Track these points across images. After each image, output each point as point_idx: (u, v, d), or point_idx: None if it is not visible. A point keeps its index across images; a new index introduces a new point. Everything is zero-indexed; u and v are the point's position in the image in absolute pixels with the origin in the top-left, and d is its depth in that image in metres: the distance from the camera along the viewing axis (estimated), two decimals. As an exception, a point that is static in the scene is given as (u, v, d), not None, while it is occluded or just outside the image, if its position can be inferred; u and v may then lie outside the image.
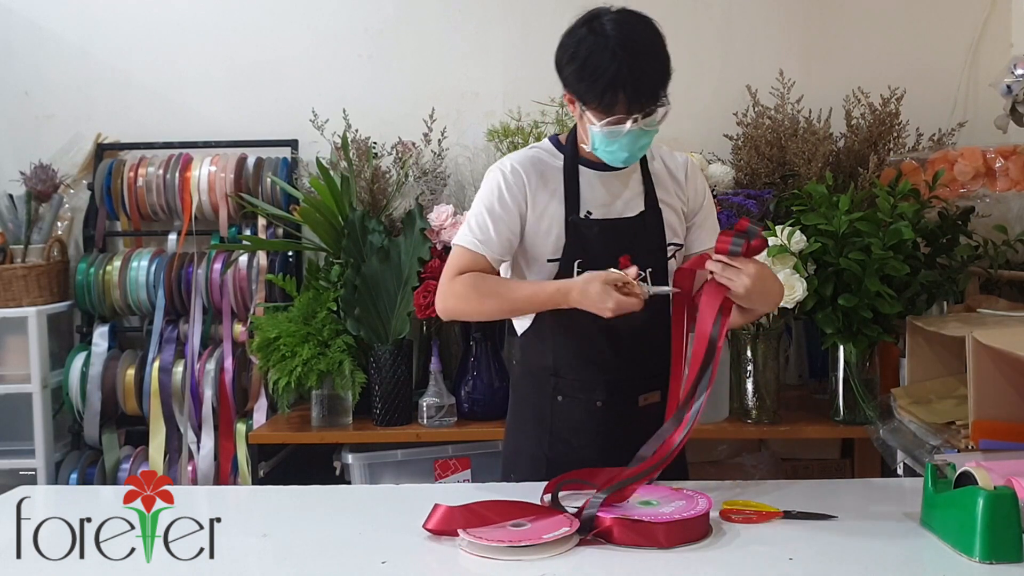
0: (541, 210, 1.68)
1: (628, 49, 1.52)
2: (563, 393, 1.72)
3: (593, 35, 1.55)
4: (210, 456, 2.87)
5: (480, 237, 1.68)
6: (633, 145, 1.61)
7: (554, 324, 1.71)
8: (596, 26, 1.56)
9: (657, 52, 1.57)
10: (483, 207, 1.69)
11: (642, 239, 1.69)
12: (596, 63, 1.54)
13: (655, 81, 1.56)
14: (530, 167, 1.70)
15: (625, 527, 1.33)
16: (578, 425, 1.72)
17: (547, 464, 1.71)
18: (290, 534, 1.45)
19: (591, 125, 1.60)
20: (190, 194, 2.97)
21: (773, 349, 2.39)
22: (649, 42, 1.57)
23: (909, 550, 1.30)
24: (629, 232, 1.68)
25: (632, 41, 1.54)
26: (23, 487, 1.74)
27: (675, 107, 1.62)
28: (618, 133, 1.58)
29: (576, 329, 1.69)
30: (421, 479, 2.47)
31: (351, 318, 2.54)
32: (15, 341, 2.88)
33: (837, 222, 2.18)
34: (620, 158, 1.63)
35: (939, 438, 1.73)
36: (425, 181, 2.78)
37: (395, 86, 3.03)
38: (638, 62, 1.53)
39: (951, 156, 2.43)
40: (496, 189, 1.69)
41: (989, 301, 2.18)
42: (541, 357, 1.75)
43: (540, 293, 1.63)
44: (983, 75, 2.86)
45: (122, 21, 3.10)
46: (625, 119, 1.56)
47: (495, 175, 1.71)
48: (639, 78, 1.53)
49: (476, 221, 1.69)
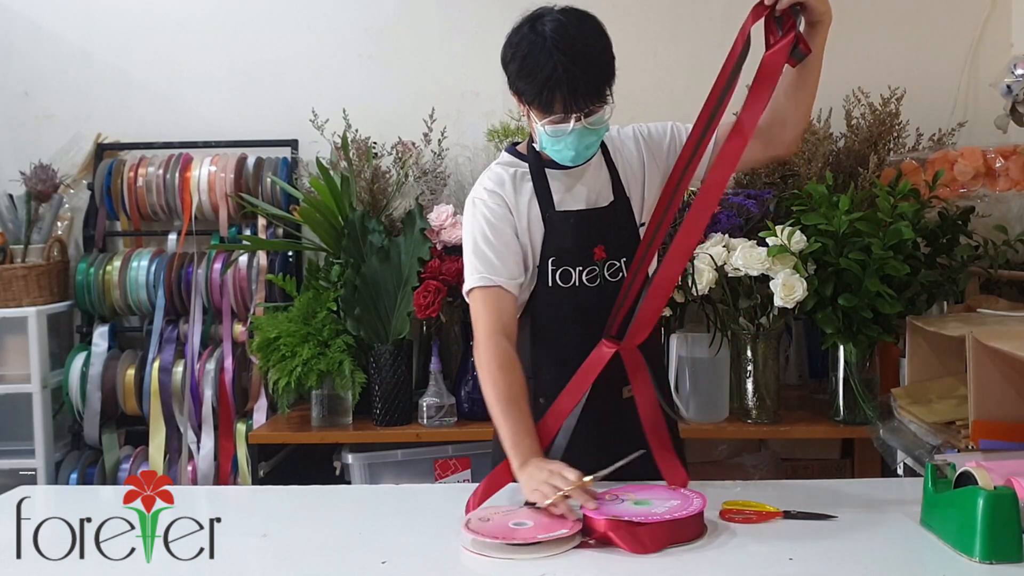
0: (525, 214, 1.68)
1: (564, 49, 1.53)
2: (544, 395, 1.71)
3: (533, 34, 1.56)
4: (210, 456, 2.87)
5: (486, 271, 1.64)
6: (579, 144, 1.60)
7: (531, 327, 1.71)
8: (538, 25, 1.57)
9: (596, 52, 1.57)
10: (477, 241, 1.66)
11: (613, 228, 1.69)
12: (534, 62, 1.54)
13: (593, 81, 1.55)
14: (499, 184, 1.69)
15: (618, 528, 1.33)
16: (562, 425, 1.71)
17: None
18: (290, 534, 1.45)
19: (535, 123, 1.61)
20: (190, 194, 2.97)
21: (773, 349, 2.38)
22: (588, 42, 1.56)
23: (909, 550, 1.30)
24: (601, 222, 1.69)
25: (570, 41, 1.54)
26: (23, 487, 1.74)
27: (675, 107, 1.62)
28: (562, 132, 1.58)
29: (552, 330, 1.70)
30: (421, 479, 2.47)
31: (351, 318, 2.54)
32: (15, 341, 2.89)
33: (837, 222, 2.17)
34: (567, 156, 1.63)
35: (939, 438, 1.73)
36: (425, 181, 2.78)
37: (395, 86, 3.03)
38: (575, 62, 1.53)
39: (951, 156, 2.43)
40: (481, 218, 1.67)
41: (989, 301, 2.18)
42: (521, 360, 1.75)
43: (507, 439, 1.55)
44: (983, 75, 2.85)
45: (122, 21, 3.11)
46: (567, 118, 1.56)
47: (474, 208, 1.69)
48: (575, 78, 1.53)
49: (477, 258, 1.66)
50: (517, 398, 1.58)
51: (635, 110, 2.92)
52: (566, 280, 1.68)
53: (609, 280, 1.68)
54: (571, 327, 1.69)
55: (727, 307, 2.34)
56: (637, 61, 2.99)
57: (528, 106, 1.60)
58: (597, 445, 1.68)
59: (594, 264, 1.67)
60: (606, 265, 1.68)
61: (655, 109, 2.89)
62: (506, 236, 1.66)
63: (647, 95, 2.98)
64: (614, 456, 1.52)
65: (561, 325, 1.69)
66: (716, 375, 2.41)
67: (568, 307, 1.68)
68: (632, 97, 3.07)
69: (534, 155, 1.70)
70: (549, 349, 1.72)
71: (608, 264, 1.68)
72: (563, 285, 1.68)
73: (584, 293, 1.68)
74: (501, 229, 1.65)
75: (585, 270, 1.67)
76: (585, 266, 1.67)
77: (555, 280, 1.68)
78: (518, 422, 1.55)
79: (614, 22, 1.65)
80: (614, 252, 1.68)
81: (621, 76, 1.62)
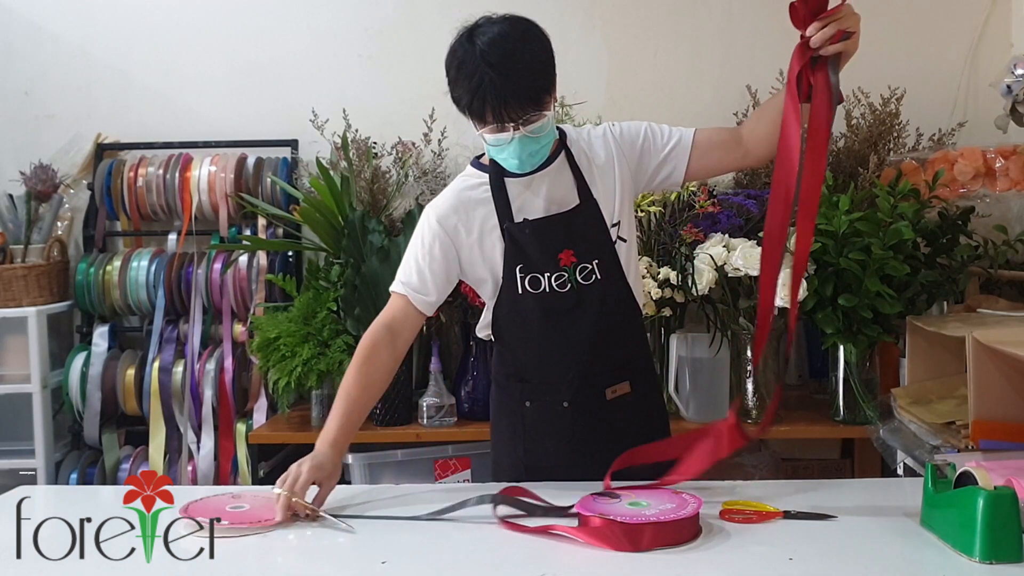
0: (479, 240, 1.68)
1: (493, 61, 1.52)
2: (530, 398, 1.73)
3: (468, 43, 1.56)
4: (210, 456, 2.87)
5: (403, 279, 1.70)
6: (521, 152, 1.59)
7: (508, 332, 1.73)
8: (475, 35, 1.57)
9: (529, 62, 1.56)
10: (411, 253, 1.71)
11: (581, 232, 1.68)
12: (466, 73, 1.55)
13: (524, 91, 1.54)
14: (453, 213, 1.69)
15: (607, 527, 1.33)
16: (548, 428, 1.72)
17: (526, 470, 1.72)
18: (290, 534, 1.45)
19: (478, 132, 1.62)
20: (190, 194, 2.97)
21: (773, 349, 2.39)
22: (521, 53, 1.55)
23: (909, 550, 1.30)
24: (564, 227, 1.67)
25: (501, 52, 1.53)
26: (23, 487, 1.74)
27: (675, 107, 1.62)
28: (502, 141, 1.58)
29: (529, 336, 1.71)
30: (421, 479, 2.47)
31: (351, 318, 2.54)
32: (15, 341, 2.89)
33: (837, 222, 2.17)
34: (512, 164, 1.63)
35: (939, 438, 1.73)
36: (425, 181, 2.78)
37: (395, 86, 3.03)
38: (503, 74, 1.52)
39: (951, 156, 2.43)
40: (420, 240, 1.70)
41: (989, 301, 2.18)
42: (506, 364, 1.77)
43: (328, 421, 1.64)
44: (983, 75, 2.85)
45: (122, 21, 3.11)
46: (503, 127, 1.56)
47: (426, 221, 1.71)
48: (503, 89, 1.52)
49: (404, 266, 1.72)
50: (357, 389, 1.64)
51: (635, 110, 2.95)
52: (535, 286, 1.67)
53: (582, 283, 1.67)
54: (547, 331, 1.69)
55: (727, 307, 2.34)
56: (637, 61, 3.00)
57: (467, 114, 1.61)
58: (584, 450, 1.69)
59: (561, 270, 1.66)
60: (577, 269, 1.67)
61: (655, 109, 2.90)
62: (436, 261, 1.68)
63: (647, 95, 2.99)
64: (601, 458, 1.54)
65: (536, 330, 1.70)
66: (716, 375, 2.41)
67: (540, 312, 1.68)
68: (632, 97, 3.11)
69: (494, 166, 1.69)
70: (528, 355, 1.73)
71: (579, 268, 1.67)
72: (533, 291, 1.67)
73: (555, 298, 1.67)
74: (436, 257, 1.68)
75: (553, 275, 1.67)
76: (552, 272, 1.66)
77: (525, 287, 1.68)
78: (340, 411, 1.62)
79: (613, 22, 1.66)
80: (584, 255, 1.67)
81: (621, 76, 1.62)
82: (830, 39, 1.44)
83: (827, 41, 1.45)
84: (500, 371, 1.80)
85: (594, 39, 2.96)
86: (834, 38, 1.44)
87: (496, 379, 1.82)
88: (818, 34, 1.45)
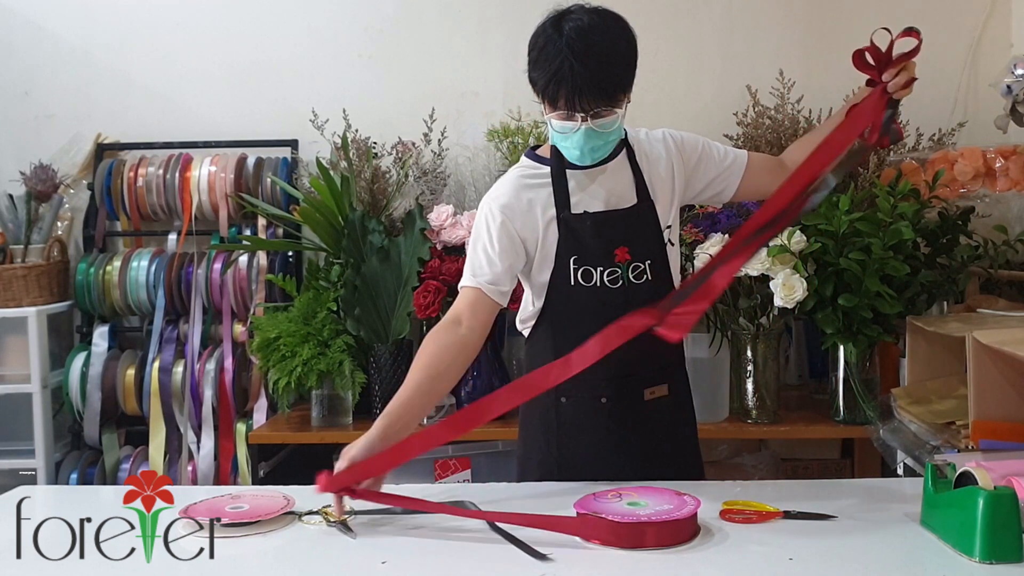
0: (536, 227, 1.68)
1: (576, 47, 1.53)
2: (566, 394, 1.72)
3: (553, 29, 1.57)
4: (210, 456, 2.87)
5: (473, 273, 1.68)
6: (584, 144, 1.61)
7: (555, 324, 1.72)
8: (561, 22, 1.58)
9: (610, 55, 1.57)
10: (476, 247, 1.70)
11: (636, 230, 1.69)
12: (547, 56, 1.56)
13: (600, 83, 1.56)
14: (514, 200, 1.68)
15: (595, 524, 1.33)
16: (584, 425, 1.72)
17: (557, 467, 1.72)
18: (290, 534, 1.45)
19: (546, 116, 1.62)
20: (190, 194, 2.97)
21: (773, 349, 2.39)
22: (604, 45, 1.56)
23: (909, 550, 1.30)
24: (622, 224, 1.68)
25: (585, 41, 1.54)
26: (23, 487, 1.74)
27: (675, 107, 1.62)
28: (568, 129, 1.60)
29: (576, 328, 1.69)
30: (421, 479, 2.47)
31: (351, 318, 2.54)
32: (15, 341, 2.89)
33: (837, 222, 2.17)
34: (573, 155, 1.64)
35: (939, 438, 1.73)
36: (425, 181, 2.78)
37: (395, 86, 3.03)
38: (583, 62, 1.53)
39: (951, 156, 2.43)
40: (486, 231, 1.69)
41: (989, 301, 2.18)
42: (544, 359, 1.75)
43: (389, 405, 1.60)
44: (983, 75, 2.85)
45: (122, 21, 3.11)
46: (572, 116, 1.57)
47: (483, 215, 1.70)
48: (579, 76, 1.53)
49: (471, 261, 1.70)
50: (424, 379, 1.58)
51: (635, 110, 2.93)
52: (588, 279, 1.68)
53: (633, 282, 1.68)
54: (593, 327, 1.67)
55: (727, 307, 2.34)
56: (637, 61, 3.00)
57: (540, 97, 1.62)
58: (619, 449, 1.69)
59: (615, 266, 1.67)
60: (630, 267, 1.68)
61: (655, 109, 2.90)
62: (504, 249, 1.67)
63: (647, 95, 2.97)
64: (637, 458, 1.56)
65: (582, 324, 1.67)
66: (716, 375, 2.41)
67: (590, 307, 1.68)
68: (632, 97, 3.10)
69: (556, 156, 1.70)
70: (570, 348, 1.71)
71: (632, 266, 1.68)
72: (585, 284, 1.68)
73: (605, 293, 1.68)
74: (503, 242, 1.67)
75: (606, 271, 1.67)
76: (606, 267, 1.67)
77: (577, 279, 1.68)
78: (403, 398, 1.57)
79: (614, 22, 1.67)
80: (638, 254, 1.67)
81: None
82: (904, 86, 1.58)
83: (901, 87, 1.59)
84: (536, 364, 1.76)
85: (594, 39, 2.96)
86: (907, 84, 1.58)
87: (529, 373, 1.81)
88: (894, 80, 1.59)
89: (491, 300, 1.67)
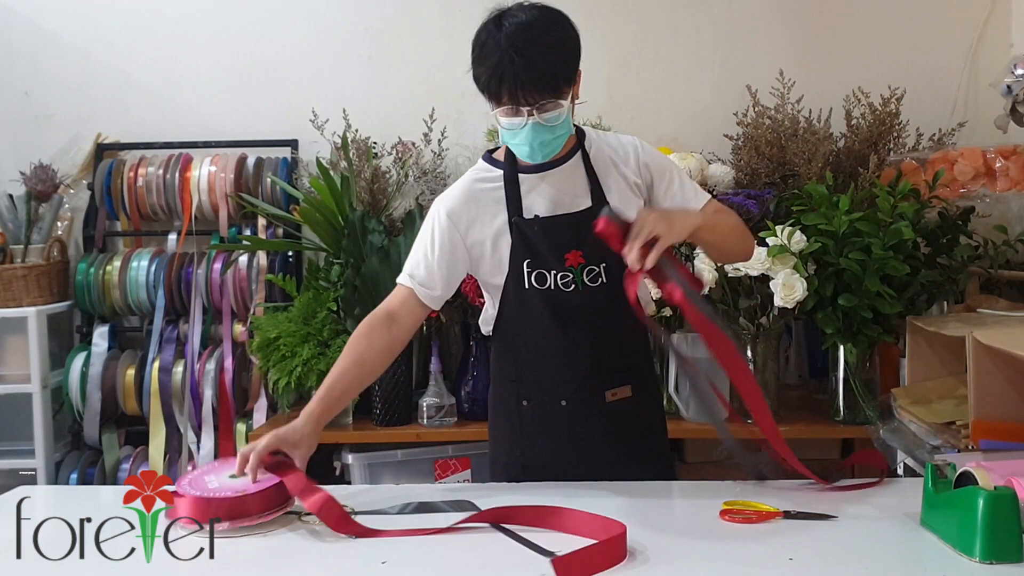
0: (489, 233, 1.68)
1: (516, 42, 1.53)
2: (527, 397, 1.72)
3: (494, 26, 1.58)
4: (210, 456, 2.87)
5: (410, 272, 1.70)
6: (533, 139, 1.59)
7: (514, 325, 1.72)
8: (502, 18, 1.58)
9: (549, 48, 1.56)
10: (419, 245, 1.72)
11: (590, 233, 1.64)
12: (487, 52, 1.57)
13: (541, 76, 1.55)
14: (463, 207, 1.69)
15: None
16: (545, 428, 1.72)
17: (522, 470, 1.72)
18: (290, 534, 1.45)
19: (493, 113, 1.62)
20: (190, 194, 2.97)
21: (773, 349, 2.39)
22: (542, 37, 1.55)
23: (909, 550, 1.30)
24: (574, 228, 1.66)
25: (523, 35, 1.54)
26: (23, 487, 1.74)
27: (675, 107, 1.62)
28: (515, 125, 1.59)
29: (533, 329, 1.70)
30: (421, 479, 2.47)
31: (351, 318, 2.54)
32: (15, 341, 2.89)
33: (837, 222, 2.17)
34: (524, 152, 1.63)
35: (939, 438, 1.73)
36: (425, 181, 2.78)
37: (395, 86, 3.03)
38: (523, 55, 1.53)
39: (951, 156, 2.43)
40: (430, 233, 1.70)
41: (989, 301, 2.18)
42: (505, 362, 1.76)
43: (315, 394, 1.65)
44: (983, 75, 2.86)
45: (122, 21, 3.11)
46: (518, 111, 1.57)
47: (431, 217, 1.72)
48: (520, 69, 1.53)
49: (411, 258, 1.72)
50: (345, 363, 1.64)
51: (635, 110, 2.95)
52: (542, 283, 1.67)
53: (588, 285, 1.67)
54: (549, 330, 1.68)
55: (727, 307, 2.34)
56: (637, 61, 3.00)
57: (484, 94, 1.61)
58: (581, 451, 1.69)
59: (567, 270, 1.66)
60: (584, 271, 1.66)
61: (655, 109, 2.91)
62: (443, 255, 1.68)
63: (647, 95, 2.99)
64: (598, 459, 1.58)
65: (538, 328, 1.69)
66: (716, 375, 2.40)
67: (545, 310, 1.68)
68: (632, 97, 3.11)
69: (511, 159, 1.69)
70: (529, 352, 1.72)
71: (587, 270, 1.66)
72: (539, 287, 1.67)
73: (559, 297, 1.67)
74: (443, 247, 1.68)
75: (559, 274, 1.66)
76: (559, 270, 1.66)
77: (531, 282, 1.67)
78: (324, 384, 1.63)
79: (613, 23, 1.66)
80: (593, 258, 1.66)
81: (621, 76, 1.62)
82: (641, 259, 1.45)
83: (640, 260, 1.45)
84: (499, 368, 1.79)
85: (594, 39, 2.95)
86: (642, 253, 1.45)
87: (495, 376, 1.82)
88: (630, 258, 1.46)
89: (421, 303, 1.69)
